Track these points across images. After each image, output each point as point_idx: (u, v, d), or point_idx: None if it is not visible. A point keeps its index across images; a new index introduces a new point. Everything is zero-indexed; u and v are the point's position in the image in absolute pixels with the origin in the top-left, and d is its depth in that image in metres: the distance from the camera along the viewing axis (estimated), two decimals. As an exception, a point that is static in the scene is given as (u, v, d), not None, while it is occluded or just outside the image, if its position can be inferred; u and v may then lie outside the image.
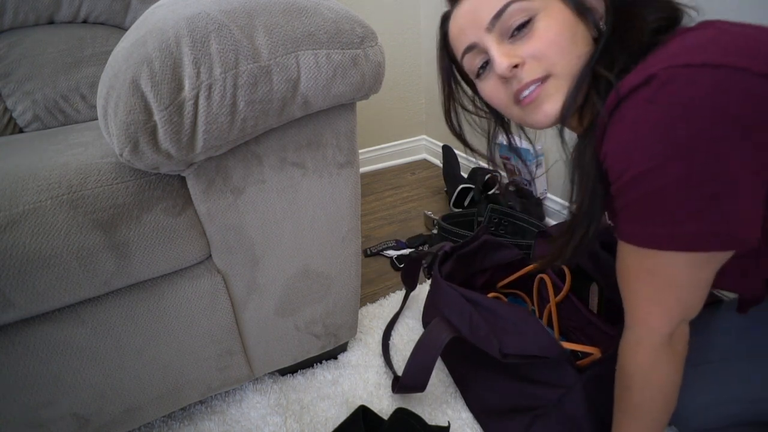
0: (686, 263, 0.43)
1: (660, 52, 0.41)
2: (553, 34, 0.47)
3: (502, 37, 0.49)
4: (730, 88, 0.37)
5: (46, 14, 0.90)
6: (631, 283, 0.48)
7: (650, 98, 0.39)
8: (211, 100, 0.44)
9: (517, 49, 0.48)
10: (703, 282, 0.45)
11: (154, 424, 0.74)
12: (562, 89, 0.48)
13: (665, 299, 0.46)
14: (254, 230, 0.59)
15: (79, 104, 0.90)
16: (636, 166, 0.41)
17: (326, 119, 0.58)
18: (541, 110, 0.49)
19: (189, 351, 0.63)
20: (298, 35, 0.48)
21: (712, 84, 0.37)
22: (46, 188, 0.47)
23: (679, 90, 0.38)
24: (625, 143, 0.42)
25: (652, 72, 0.39)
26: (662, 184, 0.40)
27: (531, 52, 0.48)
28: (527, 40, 0.48)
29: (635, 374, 0.50)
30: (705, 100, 0.37)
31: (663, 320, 0.47)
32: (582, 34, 0.48)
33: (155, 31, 0.44)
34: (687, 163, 0.38)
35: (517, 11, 0.47)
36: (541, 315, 0.84)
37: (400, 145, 1.78)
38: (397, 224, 1.34)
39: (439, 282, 0.78)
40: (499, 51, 0.49)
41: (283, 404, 0.76)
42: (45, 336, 0.52)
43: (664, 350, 0.48)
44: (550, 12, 0.48)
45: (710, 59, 0.37)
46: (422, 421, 0.66)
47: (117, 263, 0.51)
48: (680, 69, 0.38)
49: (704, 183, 0.38)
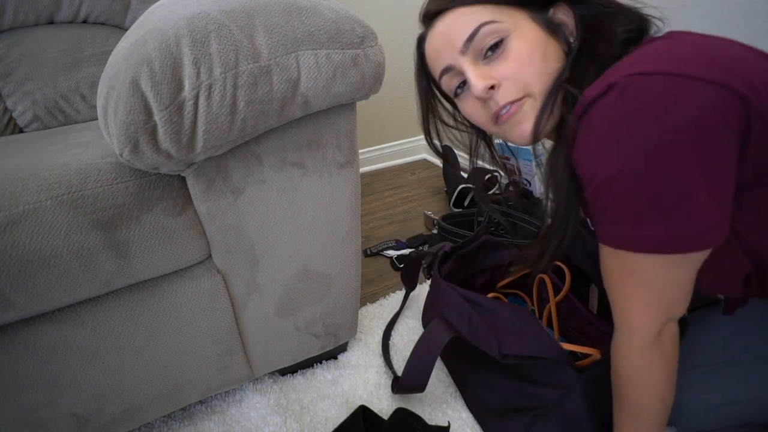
0: (662, 264, 0.44)
1: (622, 62, 0.43)
2: (526, 54, 0.49)
3: (477, 58, 0.51)
4: (680, 95, 0.38)
5: (46, 14, 0.90)
6: (614, 285, 0.49)
7: (610, 105, 0.41)
8: (211, 100, 0.44)
9: (491, 70, 0.50)
10: (683, 281, 0.46)
11: (154, 424, 0.74)
12: (537, 109, 0.50)
13: (647, 299, 0.46)
14: (254, 230, 0.59)
15: (79, 104, 0.90)
16: (602, 172, 0.43)
17: (326, 119, 0.58)
18: (518, 129, 0.51)
19: (189, 351, 0.63)
20: (298, 35, 0.48)
21: (664, 91, 0.39)
22: (46, 188, 0.47)
23: (635, 97, 0.40)
24: (591, 150, 0.43)
25: (612, 80, 0.41)
26: (626, 188, 0.42)
27: (505, 73, 0.49)
28: (501, 60, 0.49)
29: (627, 375, 0.51)
30: (657, 107, 0.39)
31: (647, 320, 0.47)
32: (553, 51, 0.49)
33: (155, 31, 0.44)
34: (644, 168, 0.40)
35: (489, 33, 0.49)
36: (541, 315, 0.84)
37: (400, 145, 1.78)
38: (397, 224, 1.34)
39: (438, 282, 0.78)
40: (475, 73, 0.50)
41: (283, 404, 0.76)
42: (45, 336, 0.52)
43: (652, 350, 0.48)
44: (521, 32, 0.49)
45: (663, 68, 0.39)
46: (422, 421, 0.66)
47: (117, 263, 0.51)
48: (636, 77, 0.40)
49: (662, 187, 0.40)
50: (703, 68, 0.39)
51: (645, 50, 0.44)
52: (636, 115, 0.39)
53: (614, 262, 0.47)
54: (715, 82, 0.38)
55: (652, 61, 0.41)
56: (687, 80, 0.38)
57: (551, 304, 0.80)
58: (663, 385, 0.49)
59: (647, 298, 0.46)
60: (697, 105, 0.38)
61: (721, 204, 0.41)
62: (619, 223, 0.44)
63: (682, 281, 0.45)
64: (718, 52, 0.41)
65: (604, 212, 0.45)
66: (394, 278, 1.10)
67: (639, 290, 0.46)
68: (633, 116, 0.40)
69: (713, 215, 0.41)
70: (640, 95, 0.39)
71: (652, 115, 0.39)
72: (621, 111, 0.40)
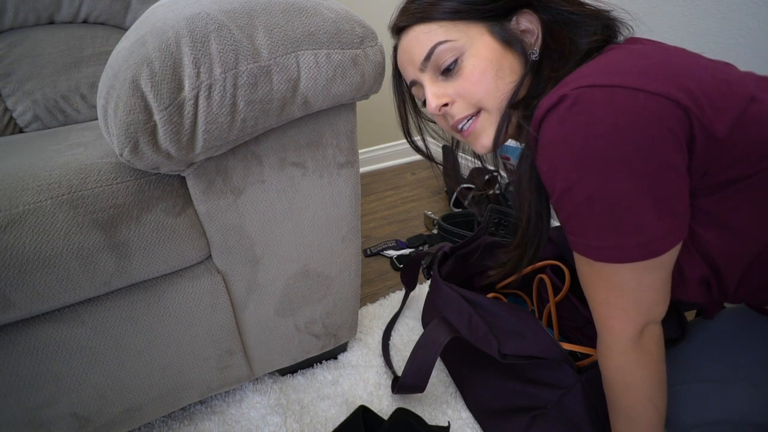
0: (629, 271, 0.44)
1: (575, 73, 0.44)
2: (478, 72, 0.51)
3: (436, 74, 0.53)
4: (626, 107, 0.39)
5: (46, 14, 0.90)
6: (589, 290, 0.49)
7: (562, 117, 0.42)
8: (211, 100, 0.44)
9: (447, 87, 0.53)
10: (656, 285, 0.45)
11: (154, 424, 0.74)
12: (493, 122, 0.52)
13: (622, 304, 0.46)
14: (254, 230, 0.59)
15: (79, 104, 0.90)
16: (560, 183, 0.44)
17: (326, 119, 0.58)
18: (479, 143, 0.54)
19: (189, 351, 0.63)
20: (298, 35, 0.48)
21: (611, 103, 0.40)
22: (46, 188, 0.47)
23: (583, 110, 0.41)
24: (549, 161, 0.45)
25: (563, 92, 0.42)
26: (583, 199, 0.43)
27: (458, 90, 0.52)
28: (456, 78, 0.52)
29: (613, 378, 0.51)
30: (604, 119, 0.40)
31: (624, 324, 0.47)
32: (509, 65, 0.51)
33: (155, 31, 0.44)
34: (596, 180, 0.41)
35: (444, 52, 0.51)
36: (541, 315, 0.84)
37: (400, 145, 1.78)
38: (397, 224, 1.34)
39: (438, 282, 0.78)
40: (431, 91, 0.53)
41: (283, 404, 0.76)
42: (45, 336, 0.52)
43: (633, 353, 0.48)
44: (475, 49, 0.51)
45: (611, 80, 0.41)
46: (422, 421, 0.66)
47: (117, 263, 0.51)
48: (585, 89, 0.41)
49: (614, 198, 0.41)
50: (648, 80, 0.40)
51: (597, 62, 0.45)
52: (585, 127, 0.41)
53: (586, 269, 0.48)
54: (660, 93, 0.39)
55: (602, 73, 0.42)
56: (632, 92, 0.39)
57: (551, 304, 0.80)
58: (649, 387, 0.49)
59: (622, 303, 0.46)
60: (643, 117, 0.39)
61: (670, 212, 0.42)
62: (581, 233, 0.45)
63: (656, 285, 0.45)
64: (667, 64, 0.42)
65: (568, 221, 0.46)
66: (394, 278, 1.10)
67: (613, 295, 0.46)
68: (582, 128, 0.41)
69: (663, 224, 0.42)
70: (588, 107, 0.40)
71: (600, 127, 0.40)
72: (571, 123, 0.41)
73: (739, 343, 0.54)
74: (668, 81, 0.40)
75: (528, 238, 0.55)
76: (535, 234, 0.54)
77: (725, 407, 0.52)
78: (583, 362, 0.66)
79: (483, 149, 0.54)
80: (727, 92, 0.41)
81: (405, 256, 1.16)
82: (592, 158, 0.41)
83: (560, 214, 0.46)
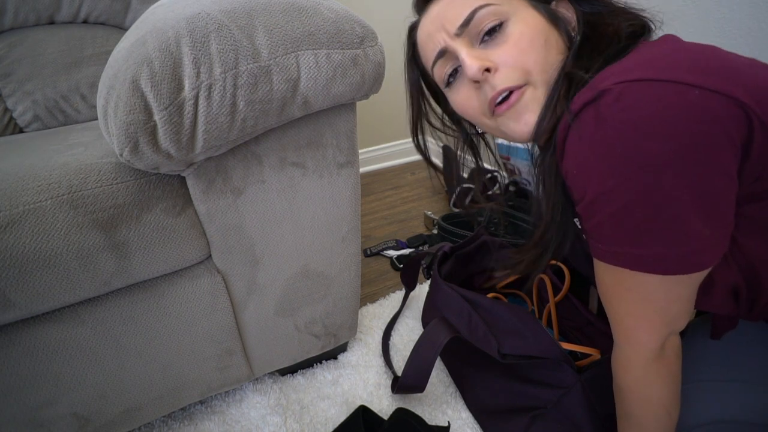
0: (661, 282, 0.42)
1: (615, 66, 0.40)
2: (527, 39, 0.45)
3: (473, 41, 0.47)
4: (679, 105, 0.36)
5: (46, 14, 0.90)
6: (612, 300, 0.47)
7: (602, 114, 0.38)
8: (211, 100, 0.44)
9: (489, 54, 0.46)
10: (685, 296, 0.44)
11: (154, 424, 0.74)
12: (540, 100, 0.46)
13: (648, 314, 0.44)
14: (254, 230, 0.59)
15: (79, 104, 0.91)
16: (594, 188, 0.40)
17: (326, 119, 0.58)
18: (522, 119, 0.46)
19: (189, 351, 0.63)
20: (298, 35, 0.48)
21: (662, 100, 0.36)
22: (46, 188, 0.47)
23: (629, 106, 0.37)
24: (581, 163, 0.41)
25: (604, 86, 0.38)
26: (622, 205, 0.39)
27: (505, 58, 0.45)
28: (500, 44, 0.46)
29: (631, 391, 0.49)
30: (654, 117, 0.36)
31: (649, 335, 0.45)
32: (555, 41, 0.46)
33: (155, 31, 0.44)
34: (641, 185, 0.38)
35: (486, 15, 0.46)
36: (541, 315, 0.84)
37: (400, 145, 1.78)
38: (397, 224, 1.34)
39: (438, 282, 0.78)
40: (470, 54, 0.46)
41: (283, 404, 0.76)
42: (45, 336, 0.52)
43: (655, 365, 0.46)
44: (521, 16, 0.46)
45: (661, 74, 0.37)
46: (422, 421, 0.66)
47: (117, 263, 0.51)
48: (631, 84, 0.37)
49: (659, 205, 0.38)
50: (703, 75, 0.36)
51: (641, 54, 0.41)
52: (631, 127, 0.37)
53: (611, 278, 0.45)
54: (717, 90, 0.36)
55: (647, 67, 0.38)
56: (686, 88, 0.36)
57: (551, 304, 0.80)
58: (668, 399, 0.48)
59: (648, 313, 0.44)
60: (697, 116, 0.35)
61: (719, 222, 0.39)
62: (615, 241, 0.41)
63: (684, 296, 0.44)
64: (717, 59, 0.39)
65: (599, 228, 0.42)
66: (394, 278, 1.10)
67: (639, 306, 0.44)
68: (628, 127, 0.37)
69: (711, 235, 0.39)
70: (635, 104, 0.37)
71: (649, 126, 0.36)
72: (614, 121, 0.37)
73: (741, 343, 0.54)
74: (722, 76, 0.36)
75: (550, 236, 0.50)
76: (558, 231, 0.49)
77: (728, 407, 0.52)
78: (583, 362, 0.66)
79: (526, 127, 0.46)
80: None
81: (405, 256, 1.16)
82: (636, 160, 0.37)
83: (589, 221, 0.43)
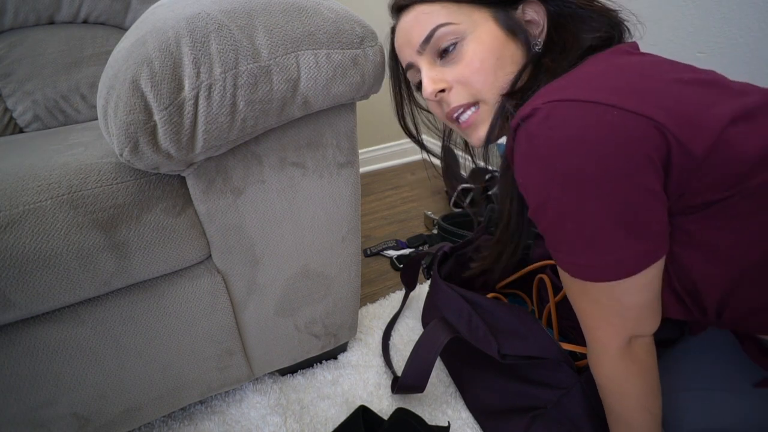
0: (606, 288, 0.43)
1: (553, 83, 0.43)
2: (478, 60, 0.48)
3: (434, 57, 0.51)
4: (599, 125, 0.38)
5: (46, 14, 0.91)
6: (574, 301, 0.48)
7: (532, 132, 0.41)
8: (211, 100, 0.44)
9: (445, 73, 0.50)
10: (641, 302, 0.44)
11: (154, 424, 0.74)
12: (491, 114, 0.50)
13: (605, 316, 0.46)
14: (254, 230, 0.59)
15: (79, 104, 0.91)
16: (534, 198, 0.43)
17: (326, 119, 0.58)
18: (476, 134, 0.52)
19: (189, 351, 0.63)
20: (298, 35, 0.48)
21: (583, 120, 0.38)
22: (46, 188, 0.47)
23: (555, 125, 0.39)
24: (522, 174, 0.44)
25: (536, 105, 0.41)
26: (555, 216, 0.42)
27: (457, 77, 0.50)
28: (455, 63, 0.50)
29: (605, 386, 0.50)
30: (576, 137, 0.38)
31: (611, 336, 0.46)
32: (511, 55, 0.49)
33: (155, 31, 0.44)
34: (568, 199, 0.40)
35: (445, 35, 0.49)
36: (541, 315, 0.84)
37: (400, 145, 1.78)
38: (397, 224, 1.34)
39: (438, 282, 0.78)
40: (428, 76, 0.51)
41: (283, 404, 0.76)
42: (45, 336, 0.52)
43: (623, 362, 0.47)
44: (477, 34, 0.49)
45: (586, 95, 0.39)
46: (422, 421, 0.66)
47: (117, 263, 0.51)
48: (558, 104, 0.39)
49: (584, 217, 0.40)
50: (624, 96, 0.38)
51: (577, 73, 0.43)
52: (556, 145, 0.39)
53: (568, 281, 0.47)
54: (634, 111, 0.37)
55: (576, 87, 0.40)
56: (606, 109, 0.38)
57: (551, 304, 0.80)
58: (643, 395, 0.48)
59: (606, 315, 0.46)
60: (614, 135, 0.38)
61: (644, 233, 0.40)
62: (556, 249, 0.45)
63: (640, 303, 0.44)
64: (646, 79, 0.40)
65: (545, 234, 0.45)
66: (394, 278, 1.10)
67: (596, 308, 0.46)
68: (554, 145, 0.39)
69: (634, 244, 0.40)
70: (558, 123, 0.39)
71: (571, 145, 0.38)
72: (542, 139, 0.40)
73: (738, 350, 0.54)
74: (645, 97, 0.38)
75: (506, 236, 0.54)
76: (513, 236, 0.53)
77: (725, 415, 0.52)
78: (583, 362, 0.66)
79: (478, 141, 0.52)
80: (707, 111, 0.39)
81: (405, 256, 1.16)
82: (561, 176, 0.40)
83: (537, 227, 0.46)
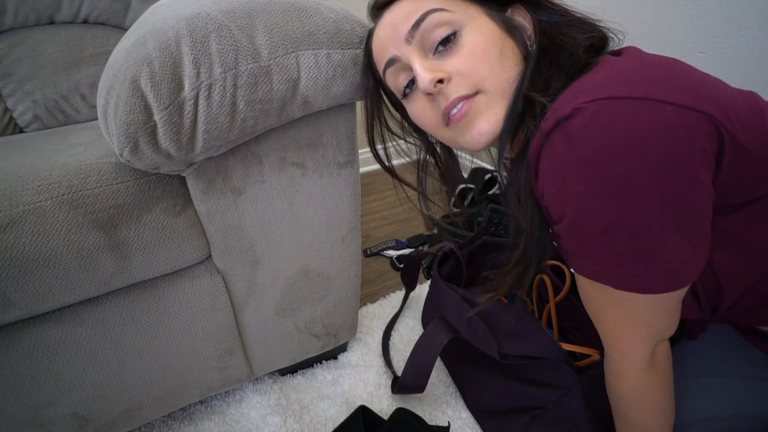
0: (645, 299, 0.42)
1: (586, 80, 0.40)
2: (481, 49, 0.44)
3: (426, 51, 0.46)
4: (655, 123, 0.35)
5: (46, 14, 0.91)
6: (598, 314, 0.47)
7: (576, 135, 0.37)
8: (211, 100, 0.44)
9: (442, 65, 0.45)
10: (670, 308, 0.44)
11: (154, 424, 0.74)
12: (493, 106, 0.44)
13: (635, 327, 0.44)
14: (254, 230, 0.59)
15: (79, 104, 0.91)
16: (573, 208, 0.40)
17: (326, 119, 0.58)
18: (474, 128, 0.45)
19: (189, 351, 0.63)
20: (298, 35, 0.48)
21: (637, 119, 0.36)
22: (46, 188, 0.47)
23: (605, 126, 0.36)
24: (558, 183, 0.40)
25: (577, 104, 0.37)
26: (600, 227, 0.39)
27: (457, 67, 0.44)
28: (453, 54, 0.45)
29: (626, 398, 0.49)
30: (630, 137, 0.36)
31: (638, 347, 0.45)
32: (511, 51, 0.45)
33: (155, 31, 0.44)
34: (615, 206, 0.37)
35: (438, 22, 0.44)
36: (541, 315, 0.84)
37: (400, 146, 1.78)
38: (397, 224, 1.34)
39: (438, 283, 0.78)
40: (422, 65, 0.45)
41: (283, 404, 0.76)
42: (45, 336, 0.52)
43: (647, 373, 0.47)
44: (476, 26, 0.45)
45: (634, 91, 0.36)
46: (422, 421, 0.66)
47: (117, 263, 0.51)
48: (605, 102, 0.36)
49: (640, 225, 0.38)
50: (674, 91, 0.36)
51: (610, 69, 0.40)
52: (607, 147, 0.36)
53: (595, 293, 0.45)
54: (689, 106, 0.36)
55: (621, 83, 0.37)
56: (659, 105, 0.35)
57: (551, 304, 0.80)
58: (663, 401, 0.48)
59: (635, 326, 0.44)
60: (672, 133, 0.35)
61: (699, 237, 0.39)
62: (599, 259, 0.41)
63: (670, 308, 0.44)
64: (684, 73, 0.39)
65: (581, 246, 0.42)
66: (394, 278, 1.10)
67: (626, 320, 0.44)
68: (604, 148, 0.36)
69: (692, 251, 0.39)
70: (609, 124, 0.36)
71: (625, 146, 0.36)
72: (590, 141, 0.37)
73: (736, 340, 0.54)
74: (692, 91, 0.37)
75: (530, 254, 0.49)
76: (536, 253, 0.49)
77: (726, 403, 0.52)
78: (583, 362, 0.66)
79: (479, 136, 0.45)
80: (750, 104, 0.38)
81: (405, 256, 1.16)
82: (614, 180, 0.37)
83: (571, 239, 0.42)
